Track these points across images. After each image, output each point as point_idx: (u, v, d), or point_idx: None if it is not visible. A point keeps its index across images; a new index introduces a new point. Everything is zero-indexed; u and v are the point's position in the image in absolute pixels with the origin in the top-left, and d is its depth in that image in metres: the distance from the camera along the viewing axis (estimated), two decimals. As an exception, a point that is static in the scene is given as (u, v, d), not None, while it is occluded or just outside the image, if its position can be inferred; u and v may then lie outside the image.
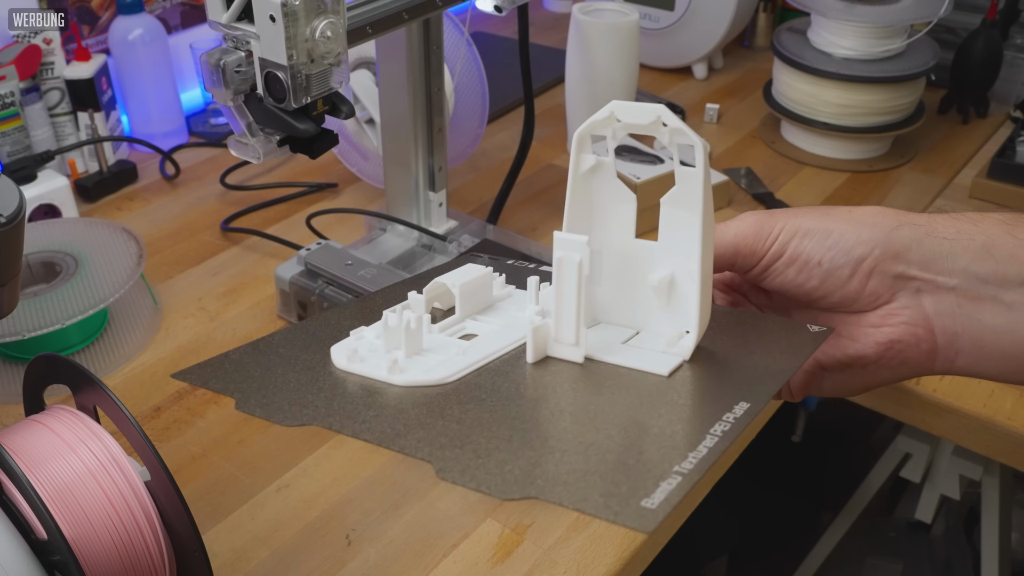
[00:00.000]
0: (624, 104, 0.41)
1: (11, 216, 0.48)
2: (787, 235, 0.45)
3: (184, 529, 0.47)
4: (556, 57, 1.29)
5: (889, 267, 0.44)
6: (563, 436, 0.38)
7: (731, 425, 0.37)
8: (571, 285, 0.41)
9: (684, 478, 0.34)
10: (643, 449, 0.36)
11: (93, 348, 0.82)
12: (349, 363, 0.44)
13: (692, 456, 0.35)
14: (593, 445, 0.36)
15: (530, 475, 0.35)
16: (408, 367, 0.43)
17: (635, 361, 0.42)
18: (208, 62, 0.62)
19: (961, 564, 1.35)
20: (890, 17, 1.08)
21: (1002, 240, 0.43)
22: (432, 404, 0.41)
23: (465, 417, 0.39)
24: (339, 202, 1.07)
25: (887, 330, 0.45)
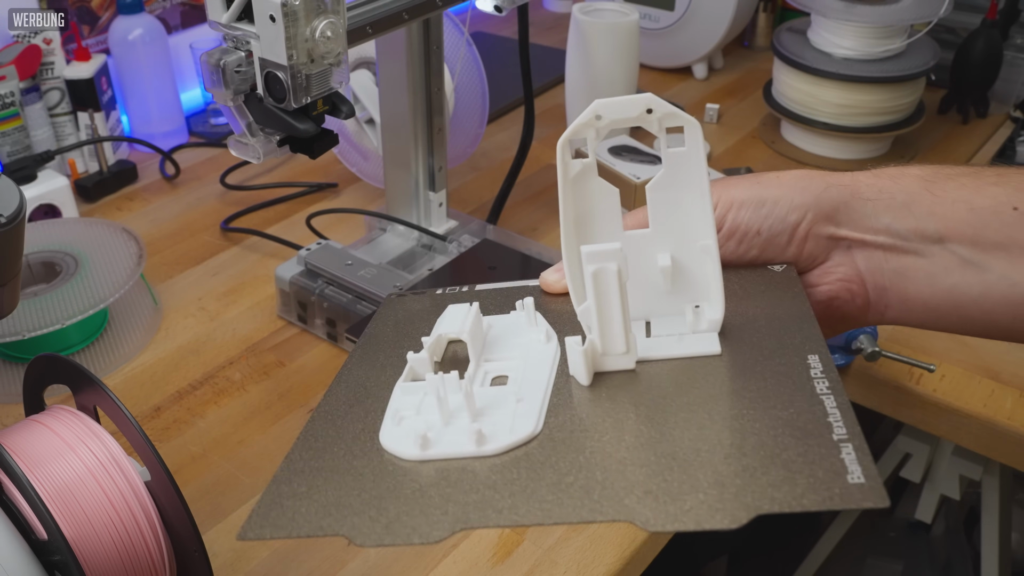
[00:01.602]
0: (607, 101, 0.40)
1: (11, 216, 0.48)
2: (723, 208, 0.46)
3: (184, 529, 0.47)
4: (556, 57, 1.29)
5: (822, 229, 0.46)
6: (696, 444, 0.35)
7: (831, 380, 0.37)
8: (613, 295, 0.39)
9: (855, 441, 0.33)
10: (779, 435, 0.35)
11: (93, 348, 0.82)
12: (424, 451, 0.38)
13: (833, 421, 0.34)
14: (732, 443, 0.35)
15: (725, 490, 0.33)
16: (489, 432, 0.38)
17: (680, 349, 0.42)
18: (208, 62, 0.61)
19: (961, 564, 1.34)
20: (890, 17, 1.08)
21: (920, 197, 0.46)
22: (539, 462, 0.36)
23: (582, 463, 0.36)
24: (339, 202, 1.07)
25: (825, 288, 0.47)
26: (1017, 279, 0.45)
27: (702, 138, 0.41)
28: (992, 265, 0.45)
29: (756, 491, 0.32)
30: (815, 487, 0.32)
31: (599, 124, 0.41)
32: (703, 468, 0.34)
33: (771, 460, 0.34)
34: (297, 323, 0.86)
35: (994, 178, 0.46)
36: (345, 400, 0.44)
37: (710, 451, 0.35)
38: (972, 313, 0.46)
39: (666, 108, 0.40)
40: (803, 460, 0.33)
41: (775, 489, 0.32)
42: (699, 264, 0.43)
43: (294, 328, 0.86)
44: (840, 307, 0.48)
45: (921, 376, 0.77)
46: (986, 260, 0.45)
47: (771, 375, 0.39)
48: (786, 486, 0.32)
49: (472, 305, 0.47)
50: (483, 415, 0.40)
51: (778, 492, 0.32)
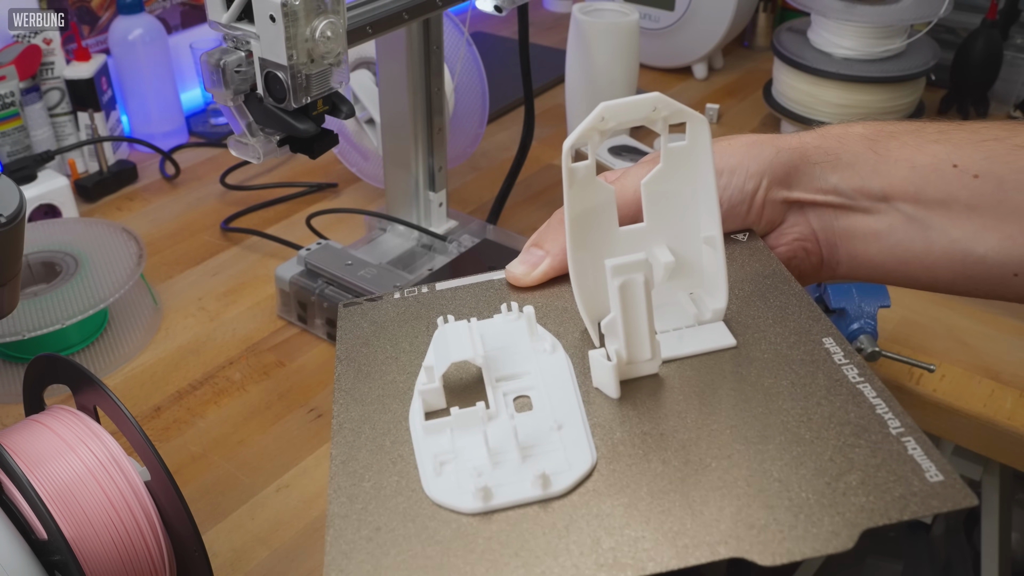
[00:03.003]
0: (614, 104, 0.40)
1: (11, 216, 0.48)
2: None
3: (184, 529, 0.47)
4: (556, 57, 1.29)
5: (777, 194, 0.48)
6: (763, 464, 0.34)
7: (858, 366, 0.37)
8: (640, 306, 0.38)
9: (915, 434, 0.33)
10: (830, 436, 0.34)
11: (93, 348, 0.82)
12: (487, 502, 0.35)
13: (882, 413, 0.34)
14: (799, 457, 0.34)
15: (823, 511, 0.32)
16: (551, 470, 0.35)
17: (695, 345, 0.41)
18: (208, 62, 0.61)
19: (961, 564, 1.34)
20: (890, 17, 1.08)
21: (864, 157, 0.48)
22: (612, 495, 0.34)
23: (658, 490, 0.34)
24: (339, 202, 1.07)
25: (783, 249, 0.49)
26: (956, 235, 0.46)
27: (709, 134, 0.41)
28: (933, 222, 0.46)
29: (834, 503, 0.32)
30: (905, 493, 0.31)
31: (604, 127, 0.41)
32: (778, 490, 0.33)
33: (848, 468, 0.33)
34: (297, 323, 0.86)
35: (935, 135, 0.47)
36: (362, 448, 0.39)
37: (773, 468, 0.34)
38: (915, 269, 0.48)
39: (674, 107, 0.40)
40: (878, 463, 0.32)
41: (869, 498, 0.31)
42: (696, 254, 0.43)
43: (294, 328, 0.86)
44: (797, 266, 0.50)
45: (921, 376, 0.77)
46: (928, 217, 0.46)
47: (797, 365, 0.38)
48: (876, 494, 0.31)
49: (471, 322, 0.43)
50: (530, 453, 0.37)
51: (874, 503, 0.31)
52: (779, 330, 0.41)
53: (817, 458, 0.34)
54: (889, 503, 0.31)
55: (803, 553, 0.30)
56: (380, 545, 0.34)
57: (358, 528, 0.35)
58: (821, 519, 0.31)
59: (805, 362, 0.38)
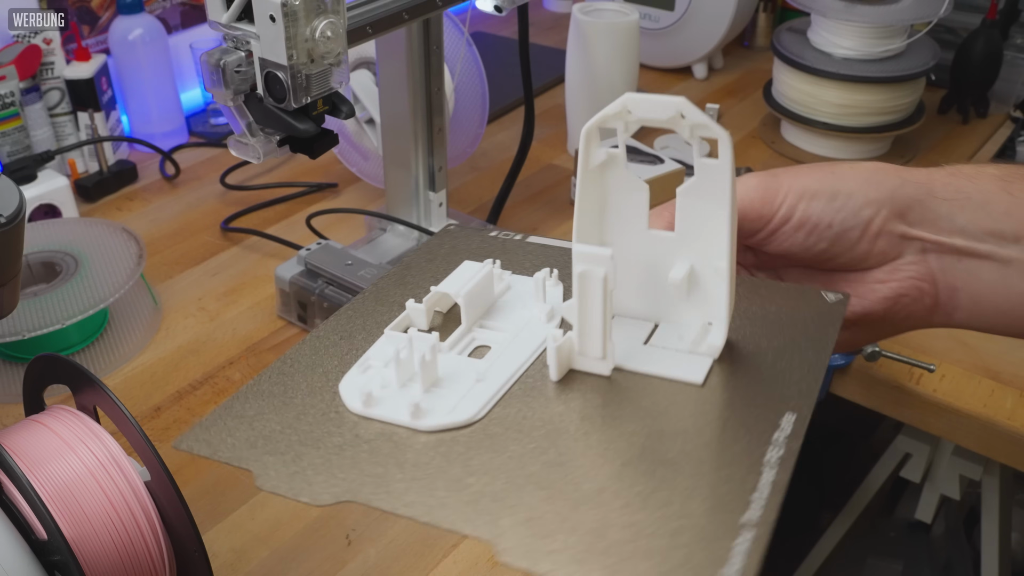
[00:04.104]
0: (639, 97, 0.38)
1: (11, 216, 0.48)
2: (794, 198, 0.44)
3: (184, 529, 0.47)
4: (556, 57, 1.29)
5: (895, 227, 0.44)
6: (606, 482, 0.34)
7: (785, 449, 0.34)
8: (596, 300, 0.38)
9: (760, 529, 0.30)
10: (692, 497, 0.33)
11: (93, 348, 0.82)
12: (366, 408, 0.38)
13: (754, 499, 0.32)
14: (640, 493, 0.33)
15: (596, 543, 0.31)
16: (430, 406, 0.38)
17: (665, 368, 0.40)
18: (208, 62, 0.62)
19: (961, 564, 1.34)
20: (890, 17, 1.08)
21: (998, 197, 0.44)
22: (457, 453, 0.36)
23: (493, 467, 0.35)
24: (339, 202, 1.07)
25: (893, 285, 0.45)
26: None
27: (732, 152, 0.39)
28: None
29: (624, 554, 0.30)
30: (683, 570, 0.30)
31: (629, 118, 0.39)
32: (594, 510, 0.32)
33: (663, 524, 0.31)
34: (297, 323, 0.86)
35: None
36: (340, 331, 0.44)
37: (614, 494, 0.33)
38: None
39: (698, 117, 0.38)
40: (692, 535, 0.31)
41: (644, 559, 0.30)
42: (714, 283, 0.41)
43: (294, 328, 0.86)
44: (907, 306, 0.46)
45: (921, 376, 0.77)
46: None
47: (732, 427, 0.36)
48: (656, 559, 0.30)
49: (489, 263, 0.45)
50: (438, 386, 0.39)
51: (644, 563, 0.30)
52: (757, 388, 0.39)
53: (649, 506, 0.32)
54: (656, 572, 0.30)
55: (538, 568, 0.30)
56: (275, 400, 0.39)
57: (275, 383, 0.40)
58: (589, 552, 0.31)
59: (742, 426, 0.36)
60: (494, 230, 0.52)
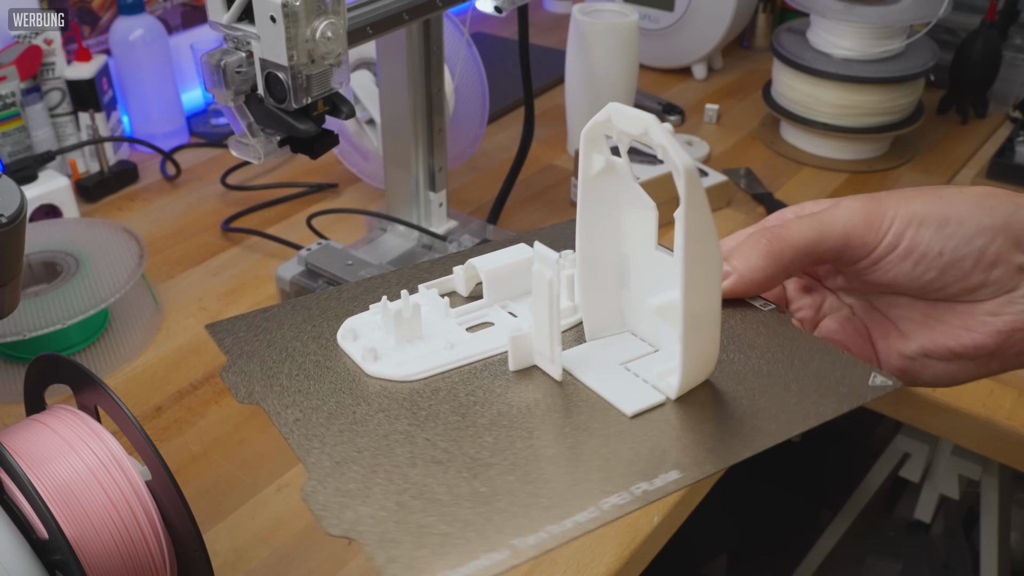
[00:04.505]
0: (620, 108, 0.38)
1: (12, 216, 0.48)
2: (901, 224, 0.41)
3: (185, 528, 0.47)
4: (556, 57, 1.29)
5: (1012, 256, 0.41)
6: (463, 487, 0.34)
7: (627, 502, 0.32)
8: (543, 300, 0.38)
9: (510, 555, 0.30)
10: (532, 506, 0.33)
11: (94, 348, 0.82)
12: (342, 340, 0.42)
13: (547, 532, 0.31)
14: (483, 501, 0.33)
15: (403, 531, 0.32)
16: (387, 355, 0.41)
17: (610, 390, 0.39)
18: (209, 63, 0.62)
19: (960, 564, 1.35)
20: (889, 18, 1.08)
21: None
22: (395, 408, 0.38)
23: (385, 435, 0.36)
24: (339, 202, 1.07)
25: (1007, 318, 0.42)
26: None
27: (693, 183, 0.35)
28: None
29: (420, 558, 0.31)
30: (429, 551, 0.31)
31: (612, 128, 0.38)
32: (411, 482, 0.34)
33: (470, 544, 0.31)
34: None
35: None
36: (385, 283, 0.47)
37: (461, 499, 0.33)
38: None
39: (660, 139, 0.35)
40: (482, 531, 0.31)
41: (440, 558, 0.31)
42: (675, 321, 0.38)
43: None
44: (1021, 340, 0.42)
45: (920, 376, 0.77)
46: None
47: (609, 462, 0.35)
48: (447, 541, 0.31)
49: (529, 250, 0.45)
50: (414, 342, 0.42)
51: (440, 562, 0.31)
52: (684, 438, 0.36)
53: (468, 520, 0.32)
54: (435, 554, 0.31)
55: (343, 525, 0.32)
56: (298, 321, 0.44)
57: (300, 313, 0.45)
58: (431, 565, 0.31)
59: (622, 463, 0.35)
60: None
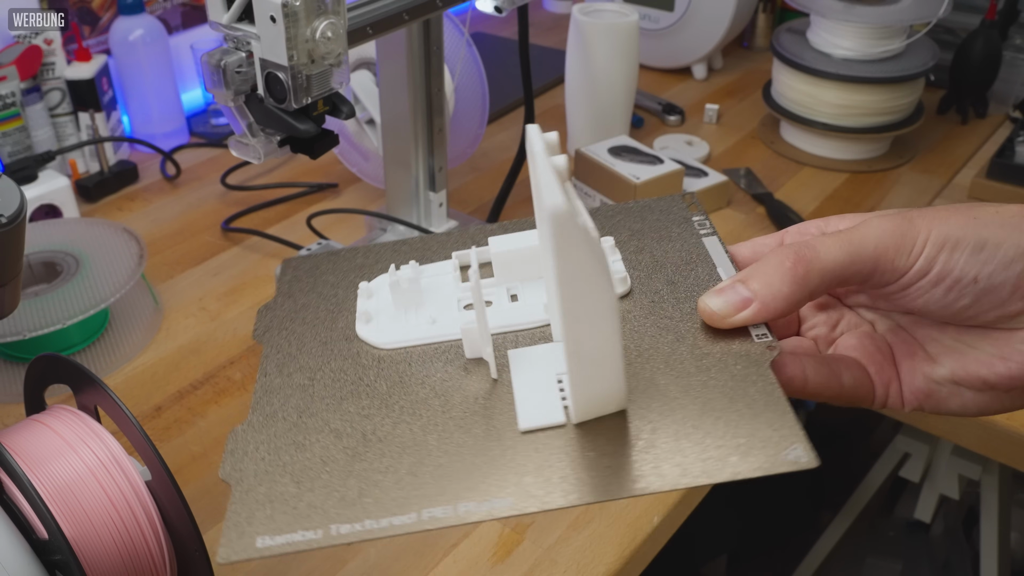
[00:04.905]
0: (532, 132, 0.37)
1: (12, 216, 0.48)
2: (934, 247, 0.37)
3: (185, 528, 0.47)
4: (556, 57, 1.29)
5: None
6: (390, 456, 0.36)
7: (446, 516, 0.33)
8: (478, 301, 0.38)
9: (322, 537, 0.32)
10: (369, 496, 0.34)
11: (94, 348, 0.82)
12: (359, 297, 0.45)
13: (363, 525, 0.33)
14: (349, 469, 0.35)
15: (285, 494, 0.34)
16: (380, 321, 0.43)
17: (524, 399, 0.38)
18: (209, 63, 0.62)
19: (960, 564, 1.35)
20: (889, 18, 1.08)
21: None
22: (352, 371, 0.41)
23: (346, 400, 0.39)
24: (339, 202, 1.07)
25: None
26: None
27: (552, 230, 0.32)
28: None
29: (261, 517, 0.33)
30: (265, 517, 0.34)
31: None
32: (303, 475, 0.35)
33: (303, 517, 0.34)
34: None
35: None
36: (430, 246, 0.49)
37: (330, 473, 0.35)
38: None
39: (535, 169, 0.34)
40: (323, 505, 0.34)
41: (274, 521, 0.33)
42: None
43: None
44: None
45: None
46: None
47: (461, 473, 0.35)
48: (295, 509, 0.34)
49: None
50: (410, 311, 0.43)
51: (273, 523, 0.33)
52: (542, 464, 0.35)
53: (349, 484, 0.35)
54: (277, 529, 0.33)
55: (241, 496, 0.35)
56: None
57: (353, 257, 0.48)
58: (265, 524, 0.33)
59: (462, 477, 0.35)
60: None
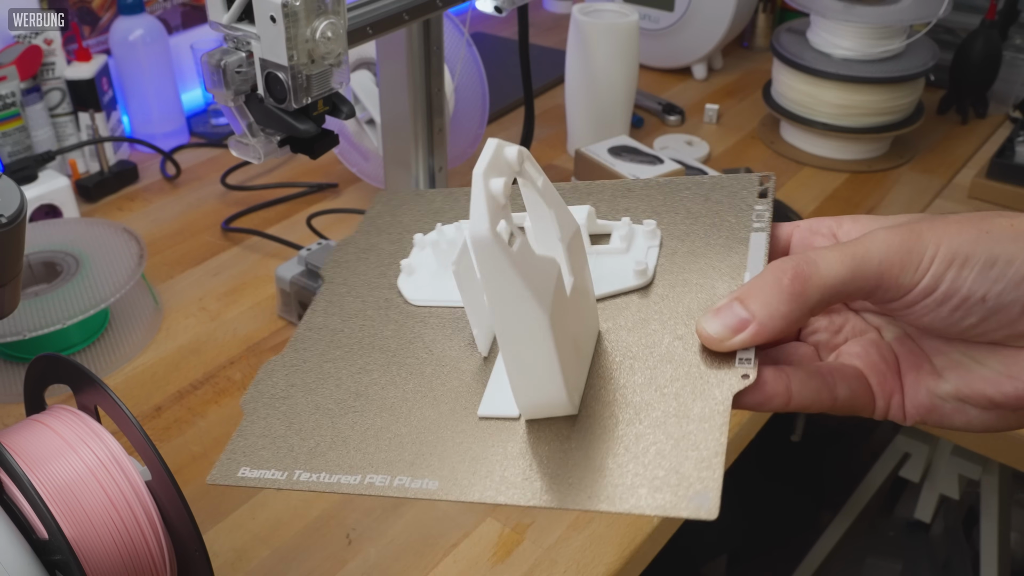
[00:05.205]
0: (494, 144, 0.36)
1: (12, 216, 0.48)
2: (941, 264, 0.35)
3: (185, 528, 0.47)
4: (556, 57, 1.29)
5: None
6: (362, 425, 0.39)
7: (384, 486, 0.36)
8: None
9: (284, 478, 0.39)
10: (333, 451, 0.39)
11: (94, 348, 0.82)
12: (415, 245, 0.46)
13: (304, 475, 0.38)
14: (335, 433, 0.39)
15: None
16: (421, 276, 0.44)
17: (495, 384, 0.39)
18: (209, 63, 0.62)
19: (960, 563, 1.35)
20: (889, 18, 1.08)
21: None
22: (378, 324, 0.42)
23: (361, 352, 0.41)
24: (339, 202, 1.07)
25: None
26: None
27: (476, 257, 0.32)
28: None
29: (253, 448, 0.42)
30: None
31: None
32: (296, 419, 0.41)
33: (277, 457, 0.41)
34: (298, 323, 0.86)
35: None
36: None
37: (316, 421, 0.40)
38: None
39: (472, 191, 0.33)
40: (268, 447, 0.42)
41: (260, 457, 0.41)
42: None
43: (295, 328, 0.86)
44: None
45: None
46: None
47: (426, 446, 0.38)
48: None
49: (584, 215, 0.44)
50: (448, 271, 0.43)
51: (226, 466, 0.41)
52: (464, 451, 0.37)
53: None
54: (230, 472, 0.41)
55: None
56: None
57: (439, 198, 0.50)
58: (250, 457, 0.42)
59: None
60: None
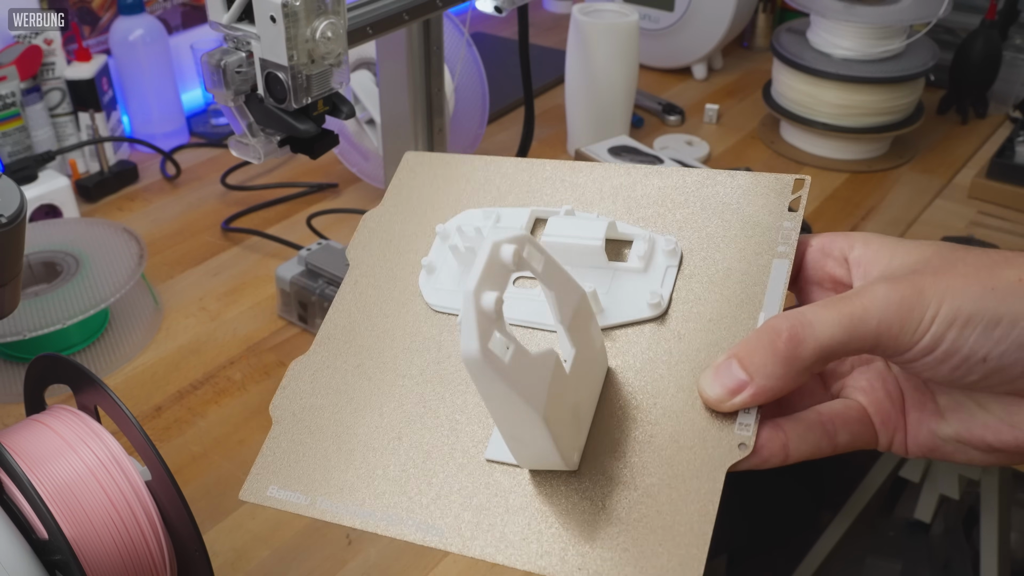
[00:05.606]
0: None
1: (12, 216, 0.48)
2: (942, 324, 0.34)
3: (185, 528, 0.47)
4: (556, 57, 1.29)
5: None
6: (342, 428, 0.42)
7: (368, 524, 0.38)
8: None
9: (296, 505, 0.42)
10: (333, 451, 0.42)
11: (94, 348, 0.82)
12: (439, 236, 0.43)
13: (326, 504, 0.42)
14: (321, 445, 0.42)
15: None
16: (440, 275, 0.42)
17: None
18: (209, 63, 0.62)
19: (960, 564, 1.35)
20: (889, 18, 1.08)
21: None
22: (391, 321, 0.42)
23: (369, 357, 0.42)
24: (339, 202, 1.07)
25: None
26: None
27: (471, 376, 0.31)
28: None
29: (282, 460, 0.45)
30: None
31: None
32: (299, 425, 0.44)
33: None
34: (298, 323, 0.86)
35: None
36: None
37: (318, 429, 0.44)
38: None
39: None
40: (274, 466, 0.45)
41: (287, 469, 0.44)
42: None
43: (295, 328, 0.86)
44: None
45: (920, 376, 0.77)
46: None
47: (419, 484, 0.38)
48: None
49: (602, 228, 0.40)
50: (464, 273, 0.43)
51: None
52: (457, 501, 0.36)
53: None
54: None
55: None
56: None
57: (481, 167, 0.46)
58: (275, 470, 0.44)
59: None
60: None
